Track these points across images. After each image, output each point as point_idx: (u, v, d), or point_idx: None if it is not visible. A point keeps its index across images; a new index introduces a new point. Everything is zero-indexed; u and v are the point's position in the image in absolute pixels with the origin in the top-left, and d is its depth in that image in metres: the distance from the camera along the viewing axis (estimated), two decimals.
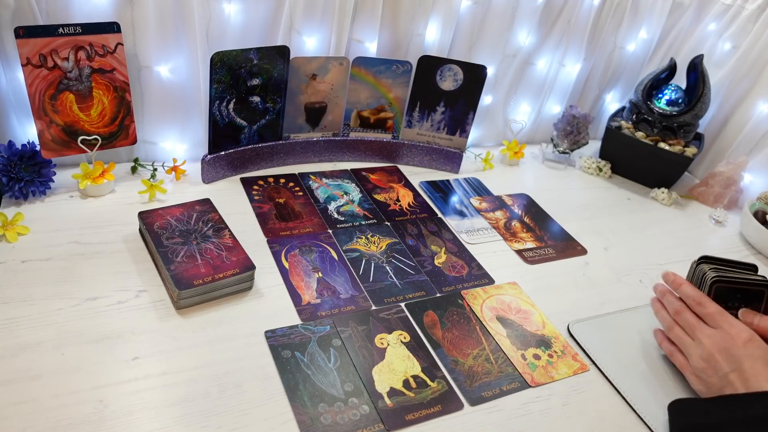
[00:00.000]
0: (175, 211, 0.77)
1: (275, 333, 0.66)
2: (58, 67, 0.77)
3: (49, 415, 0.53)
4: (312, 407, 0.59)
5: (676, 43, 1.25)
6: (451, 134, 1.06)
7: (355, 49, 0.98)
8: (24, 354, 0.58)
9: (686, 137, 1.12)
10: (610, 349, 0.73)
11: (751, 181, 1.14)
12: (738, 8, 1.16)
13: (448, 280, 0.80)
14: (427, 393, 0.63)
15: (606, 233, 0.85)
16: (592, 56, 1.19)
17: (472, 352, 0.69)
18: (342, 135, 1.02)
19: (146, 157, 0.93)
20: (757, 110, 1.13)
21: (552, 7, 1.10)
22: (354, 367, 0.64)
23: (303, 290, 0.73)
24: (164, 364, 0.60)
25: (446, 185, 1.04)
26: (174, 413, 0.56)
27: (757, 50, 1.12)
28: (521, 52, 1.12)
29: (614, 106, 1.31)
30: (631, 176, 1.19)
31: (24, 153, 0.79)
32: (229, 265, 0.70)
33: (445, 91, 1.02)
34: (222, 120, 0.89)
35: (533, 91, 1.19)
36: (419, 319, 0.73)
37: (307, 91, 0.95)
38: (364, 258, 0.81)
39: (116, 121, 0.85)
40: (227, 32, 0.88)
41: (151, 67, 0.85)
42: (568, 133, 1.17)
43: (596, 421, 0.64)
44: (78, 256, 0.72)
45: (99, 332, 0.62)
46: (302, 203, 0.90)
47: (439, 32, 1.02)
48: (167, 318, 0.66)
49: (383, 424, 0.59)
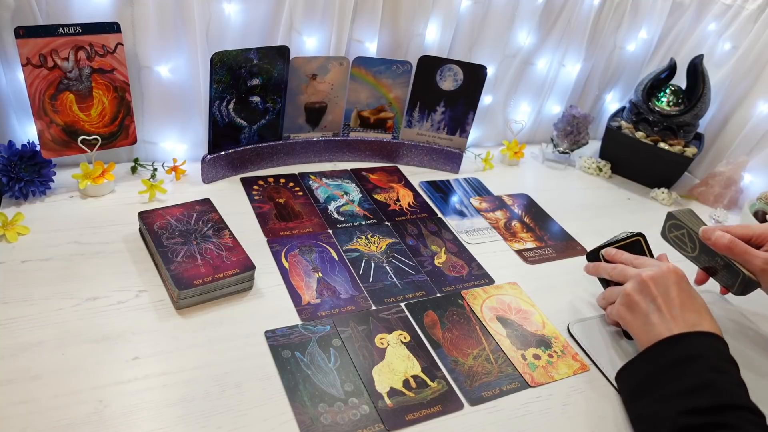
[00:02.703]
0: (175, 211, 0.77)
1: (275, 333, 0.66)
2: (58, 67, 0.77)
3: (49, 415, 0.53)
4: (312, 407, 0.59)
5: (676, 43, 1.25)
6: (451, 134, 1.06)
7: (355, 49, 0.98)
8: (24, 354, 0.58)
9: (686, 137, 1.12)
10: (610, 349, 0.73)
11: (751, 181, 1.14)
12: (738, 8, 1.16)
13: (448, 280, 0.80)
14: (427, 393, 0.63)
15: (606, 233, 0.85)
16: (592, 56, 1.19)
17: (472, 352, 0.69)
18: (342, 135, 1.03)
19: (146, 157, 0.93)
20: (757, 110, 1.13)
21: (552, 7, 1.10)
22: (354, 367, 0.64)
23: (303, 290, 0.73)
24: (164, 364, 0.60)
25: (446, 185, 1.04)
26: (174, 413, 0.56)
27: (757, 50, 1.12)
28: (521, 52, 1.12)
29: (614, 106, 1.31)
30: (631, 176, 1.19)
31: (24, 153, 0.79)
32: (229, 265, 0.70)
33: (445, 91, 1.02)
34: (222, 120, 0.89)
35: (533, 91, 1.19)
36: (419, 319, 0.73)
37: (307, 91, 0.95)
38: (364, 258, 0.81)
39: (116, 121, 0.85)
40: (227, 32, 0.88)
41: (151, 67, 0.85)
42: (568, 133, 1.17)
43: (596, 421, 0.64)
44: (78, 256, 0.72)
45: (99, 332, 0.62)
46: (302, 203, 0.90)
47: (439, 32, 1.02)
48: (167, 318, 0.66)
49: (383, 424, 0.59)
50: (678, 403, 0.58)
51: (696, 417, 0.56)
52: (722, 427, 0.54)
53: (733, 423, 0.54)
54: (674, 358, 0.62)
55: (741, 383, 0.59)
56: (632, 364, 0.66)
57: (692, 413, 0.56)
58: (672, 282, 0.68)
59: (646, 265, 0.72)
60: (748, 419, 0.55)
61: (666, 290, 0.67)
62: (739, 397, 0.57)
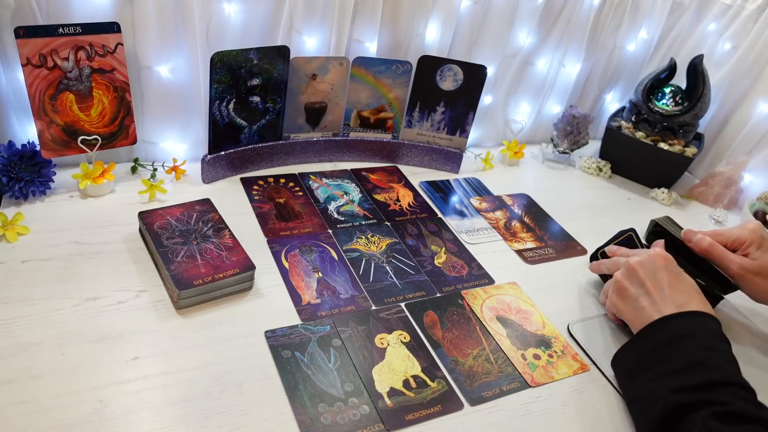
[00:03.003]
0: (175, 211, 0.77)
1: (275, 333, 0.66)
2: (58, 67, 0.77)
3: (49, 415, 0.53)
4: (312, 407, 0.59)
5: (676, 43, 1.25)
6: (451, 134, 1.06)
7: (355, 49, 0.98)
8: (24, 354, 0.58)
9: (686, 137, 1.12)
10: (610, 349, 0.73)
11: (751, 181, 1.14)
12: (738, 8, 1.16)
13: (448, 280, 0.80)
14: (427, 393, 0.63)
15: (606, 233, 0.86)
16: (592, 56, 1.19)
17: (472, 352, 0.69)
18: (342, 135, 1.03)
19: (146, 157, 0.93)
20: (757, 110, 1.13)
21: (552, 7, 1.10)
22: (354, 367, 0.64)
23: (303, 290, 0.73)
24: (164, 364, 0.60)
25: (446, 185, 1.04)
26: (174, 413, 0.56)
27: (757, 50, 1.12)
28: (521, 52, 1.12)
29: (614, 106, 1.31)
30: (631, 176, 1.19)
31: (24, 153, 0.79)
32: (229, 265, 0.70)
33: (445, 91, 1.02)
34: (222, 120, 0.89)
35: (533, 91, 1.19)
36: (419, 319, 0.73)
37: (307, 91, 0.95)
38: (364, 258, 0.81)
39: (116, 121, 0.85)
40: (227, 32, 0.88)
41: (151, 67, 0.85)
42: (568, 133, 1.17)
43: (596, 421, 0.64)
44: (78, 256, 0.72)
45: (99, 332, 0.62)
46: (302, 203, 0.90)
47: (439, 32, 1.02)
48: (167, 318, 0.66)
49: (383, 424, 0.59)
50: (669, 382, 0.59)
51: (687, 394, 0.56)
52: (714, 403, 0.55)
53: (725, 399, 0.55)
54: (664, 339, 0.63)
55: (732, 360, 0.60)
56: (625, 348, 0.67)
57: (684, 391, 0.57)
58: (659, 266, 0.69)
59: (638, 253, 0.74)
60: (740, 395, 0.56)
61: (653, 274, 0.69)
62: (730, 373, 0.58)
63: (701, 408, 0.55)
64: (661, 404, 0.58)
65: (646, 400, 0.60)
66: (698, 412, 0.55)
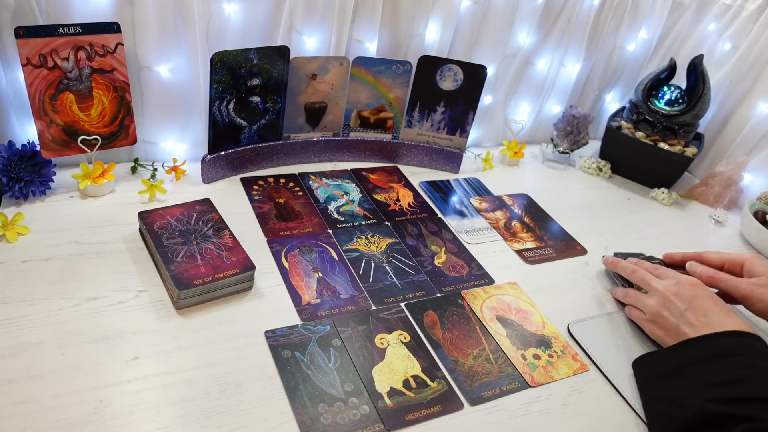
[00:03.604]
0: (175, 211, 0.77)
1: (275, 333, 0.66)
2: (58, 67, 0.77)
3: (49, 415, 0.53)
4: (312, 407, 0.59)
5: (676, 43, 1.25)
6: (451, 134, 1.06)
7: (355, 49, 0.98)
8: (24, 354, 0.58)
9: (686, 137, 1.12)
10: (610, 349, 0.73)
11: (751, 181, 1.14)
12: (738, 8, 1.16)
13: (448, 280, 0.80)
14: (427, 393, 0.63)
15: (606, 233, 0.86)
16: (592, 56, 1.19)
17: (472, 352, 0.69)
18: (342, 135, 1.03)
19: (146, 157, 0.93)
20: (757, 110, 1.13)
21: (552, 7, 1.10)
22: (354, 367, 0.64)
23: (303, 290, 0.73)
24: (164, 364, 0.60)
25: (446, 185, 1.04)
26: (174, 413, 0.56)
27: (757, 50, 1.12)
28: (521, 52, 1.12)
29: (614, 106, 1.31)
30: (631, 176, 1.19)
31: (24, 153, 0.79)
32: (229, 265, 0.70)
33: (445, 91, 1.02)
34: (222, 120, 0.89)
35: (533, 91, 1.19)
36: (419, 319, 0.73)
37: (307, 91, 0.95)
38: (364, 258, 0.81)
39: (116, 121, 0.85)
40: (227, 32, 0.88)
41: (151, 67, 0.85)
42: (568, 133, 1.17)
43: (596, 421, 0.64)
44: (78, 256, 0.72)
45: (99, 332, 0.62)
46: (302, 203, 0.90)
47: (439, 32, 1.02)
48: (167, 318, 0.66)
49: (383, 424, 0.59)
50: (705, 391, 0.59)
51: (722, 405, 0.56)
52: (751, 419, 0.54)
53: (761, 416, 0.54)
54: (704, 355, 0.63)
55: None
56: (659, 354, 0.68)
57: (720, 402, 0.57)
58: (695, 294, 0.71)
59: (666, 276, 0.75)
60: None
61: (690, 302, 0.70)
62: None
63: (737, 423, 0.54)
64: (693, 410, 0.57)
65: (676, 403, 0.60)
66: (733, 427, 0.54)
